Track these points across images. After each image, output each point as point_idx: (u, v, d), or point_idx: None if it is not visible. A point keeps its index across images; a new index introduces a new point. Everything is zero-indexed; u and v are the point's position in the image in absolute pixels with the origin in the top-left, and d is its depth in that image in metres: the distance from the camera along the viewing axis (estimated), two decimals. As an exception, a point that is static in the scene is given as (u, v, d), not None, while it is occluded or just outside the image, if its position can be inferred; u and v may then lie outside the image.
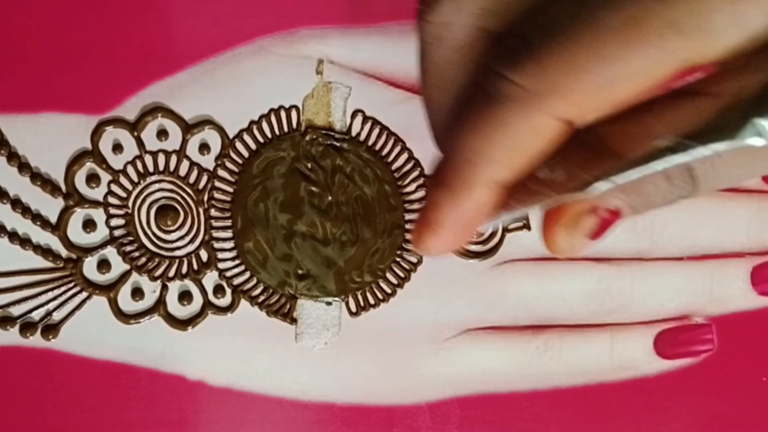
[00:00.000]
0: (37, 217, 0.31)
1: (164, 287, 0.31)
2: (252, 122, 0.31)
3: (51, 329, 0.31)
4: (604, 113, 0.19)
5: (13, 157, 0.31)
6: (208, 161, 0.31)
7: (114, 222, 0.31)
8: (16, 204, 0.31)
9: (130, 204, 0.31)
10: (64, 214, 0.31)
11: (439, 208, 0.20)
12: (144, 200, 0.31)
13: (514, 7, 0.21)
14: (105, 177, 0.31)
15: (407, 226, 0.32)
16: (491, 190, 0.20)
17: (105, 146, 0.31)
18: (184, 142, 0.31)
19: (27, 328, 0.31)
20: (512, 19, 0.21)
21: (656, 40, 0.18)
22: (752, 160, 0.21)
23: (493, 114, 0.19)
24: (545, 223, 0.20)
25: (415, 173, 0.32)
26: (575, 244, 0.20)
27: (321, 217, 0.31)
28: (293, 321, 0.31)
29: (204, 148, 0.31)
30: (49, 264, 0.31)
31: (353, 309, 0.32)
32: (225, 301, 0.31)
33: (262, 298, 0.31)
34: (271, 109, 0.31)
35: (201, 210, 0.31)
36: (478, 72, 0.21)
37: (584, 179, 0.19)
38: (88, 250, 0.31)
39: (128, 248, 0.31)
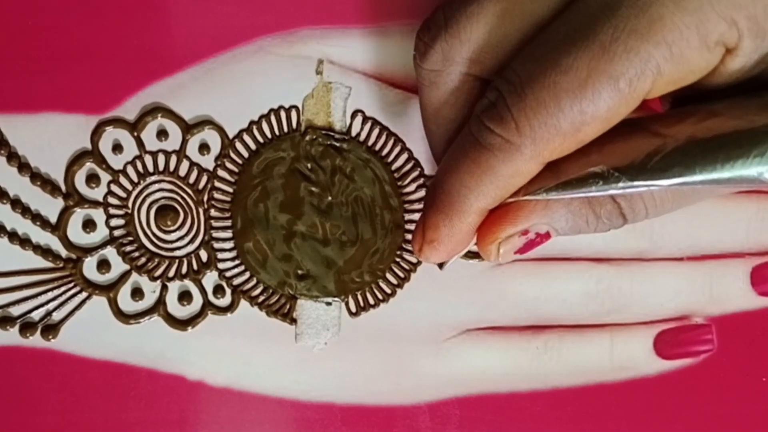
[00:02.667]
0: (37, 217, 0.31)
1: (164, 287, 0.31)
2: (252, 122, 0.31)
3: (51, 329, 0.31)
4: (575, 149, 0.22)
5: (13, 157, 0.31)
6: (208, 161, 0.31)
7: (114, 222, 0.31)
8: (16, 204, 0.31)
9: (130, 204, 0.31)
10: (64, 214, 0.31)
11: (437, 230, 0.24)
12: (144, 200, 0.31)
13: (492, 57, 0.24)
14: (105, 177, 0.31)
15: (407, 226, 0.32)
16: (481, 216, 0.24)
17: (105, 146, 0.31)
18: (184, 142, 0.31)
19: (27, 328, 0.31)
20: (493, 66, 0.24)
21: (608, 91, 0.21)
22: (684, 197, 0.24)
23: (482, 159, 0.22)
24: (483, 229, 0.24)
25: (415, 173, 0.32)
26: (504, 256, 0.25)
27: (321, 217, 0.31)
28: (293, 321, 0.31)
29: (204, 148, 0.31)
30: (49, 264, 0.31)
31: (353, 309, 0.32)
32: (225, 301, 0.31)
33: (261, 298, 0.31)
34: (271, 109, 0.31)
35: (201, 210, 0.31)
36: (468, 113, 0.24)
37: (525, 190, 0.24)
38: (88, 250, 0.31)
39: (128, 248, 0.31)
